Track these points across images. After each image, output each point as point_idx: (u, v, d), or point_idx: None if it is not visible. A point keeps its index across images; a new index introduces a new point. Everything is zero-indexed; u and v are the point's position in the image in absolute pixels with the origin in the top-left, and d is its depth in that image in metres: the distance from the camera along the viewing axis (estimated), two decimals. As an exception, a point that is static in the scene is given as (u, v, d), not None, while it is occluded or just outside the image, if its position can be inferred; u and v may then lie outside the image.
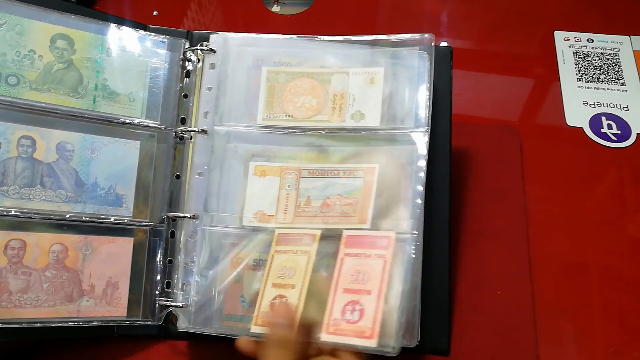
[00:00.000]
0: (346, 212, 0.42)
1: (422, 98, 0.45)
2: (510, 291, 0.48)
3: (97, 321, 0.42)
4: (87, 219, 0.43)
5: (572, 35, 0.67)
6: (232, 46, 0.47)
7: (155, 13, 0.70)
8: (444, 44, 0.67)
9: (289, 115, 0.45)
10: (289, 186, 0.44)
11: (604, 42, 0.66)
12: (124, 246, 0.44)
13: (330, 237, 0.41)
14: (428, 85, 0.46)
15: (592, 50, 0.65)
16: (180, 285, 0.44)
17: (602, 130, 0.58)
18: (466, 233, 0.51)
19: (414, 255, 0.41)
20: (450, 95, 0.48)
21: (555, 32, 0.67)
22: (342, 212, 0.42)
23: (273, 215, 0.43)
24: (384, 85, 0.45)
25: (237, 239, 0.43)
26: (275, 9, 0.71)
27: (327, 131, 0.45)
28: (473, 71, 0.64)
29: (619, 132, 0.58)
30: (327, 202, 0.43)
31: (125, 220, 0.44)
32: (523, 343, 0.46)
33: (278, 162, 0.44)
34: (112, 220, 0.44)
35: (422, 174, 0.44)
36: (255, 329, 0.37)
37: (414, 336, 0.42)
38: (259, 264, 0.43)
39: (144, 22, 0.48)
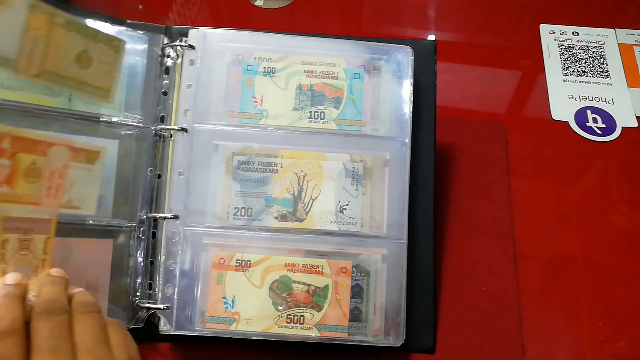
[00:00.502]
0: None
1: (405, 94, 0.45)
2: (496, 287, 0.48)
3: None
4: (65, 220, 0.42)
5: (557, 28, 0.67)
6: (211, 42, 0.46)
7: (140, 7, 0.68)
8: (431, 37, 0.67)
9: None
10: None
11: (589, 35, 0.66)
12: (104, 248, 0.43)
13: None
14: (411, 80, 0.45)
15: (578, 44, 0.65)
16: (161, 287, 0.43)
17: (588, 124, 0.58)
18: (451, 229, 0.51)
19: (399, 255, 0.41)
20: (434, 90, 0.48)
21: (541, 25, 0.67)
22: None
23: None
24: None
25: (218, 239, 0.43)
26: (259, 2, 0.70)
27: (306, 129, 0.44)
28: (458, 65, 0.63)
29: (604, 125, 0.58)
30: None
31: (105, 222, 0.43)
32: (509, 338, 0.45)
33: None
34: (90, 221, 0.43)
35: (405, 174, 0.44)
36: None
37: (399, 335, 0.42)
38: (241, 265, 0.42)
39: (128, 17, 0.47)
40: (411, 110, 0.45)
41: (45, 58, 0.38)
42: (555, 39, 0.66)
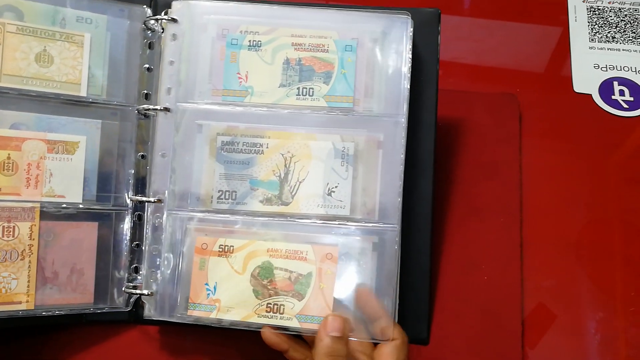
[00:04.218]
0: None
1: (402, 68, 0.41)
2: (499, 276, 0.45)
3: (63, 310, 0.41)
4: (49, 206, 0.41)
5: (586, -12, 0.60)
6: (195, 15, 0.43)
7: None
8: None
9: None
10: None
11: (622, -5, 0.59)
12: (88, 231, 0.42)
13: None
14: (409, 54, 0.42)
15: (609, 6, 0.59)
16: (146, 272, 0.42)
17: (613, 97, 0.53)
18: (454, 213, 0.47)
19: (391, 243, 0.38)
20: (436, 64, 0.44)
21: (568, -14, 0.60)
22: None
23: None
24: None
25: (202, 223, 0.41)
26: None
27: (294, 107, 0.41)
28: (470, 29, 0.58)
29: (631, 98, 0.52)
30: None
31: (89, 205, 0.42)
32: (508, 330, 0.43)
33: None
34: (79, 205, 0.42)
35: (400, 156, 0.40)
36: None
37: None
38: (224, 250, 0.40)
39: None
40: (408, 86, 0.41)
41: (2, 63, 0.40)
42: (583, 1, 0.59)
